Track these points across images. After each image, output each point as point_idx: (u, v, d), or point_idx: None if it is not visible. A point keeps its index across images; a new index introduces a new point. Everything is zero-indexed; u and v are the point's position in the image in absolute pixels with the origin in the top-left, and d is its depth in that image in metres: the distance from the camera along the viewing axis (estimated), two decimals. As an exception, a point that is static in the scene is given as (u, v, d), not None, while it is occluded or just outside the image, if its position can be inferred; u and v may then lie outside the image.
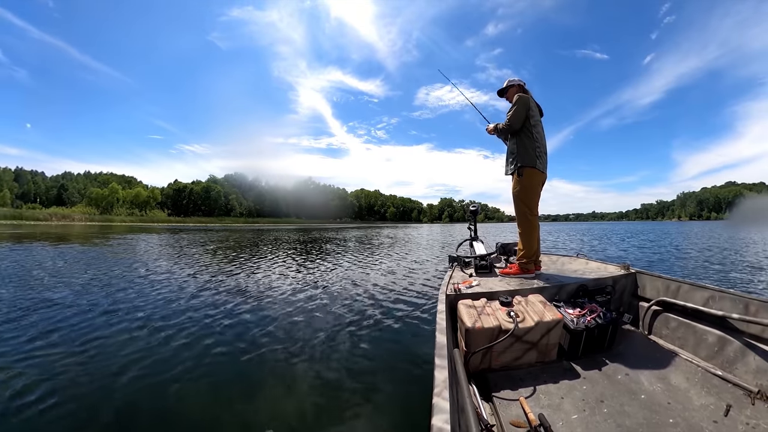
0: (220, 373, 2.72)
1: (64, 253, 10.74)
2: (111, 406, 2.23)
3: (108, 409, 2.20)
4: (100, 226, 49.45)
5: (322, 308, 4.51)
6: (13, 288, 5.44)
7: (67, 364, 2.77)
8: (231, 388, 2.52)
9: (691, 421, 1.55)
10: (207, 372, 2.71)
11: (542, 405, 1.71)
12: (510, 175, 2.97)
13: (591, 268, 3.05)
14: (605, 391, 1.80)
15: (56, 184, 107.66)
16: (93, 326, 3.65)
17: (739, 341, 1.86)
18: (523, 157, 2.83)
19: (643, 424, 1.55)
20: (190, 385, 2.53)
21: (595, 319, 2.13)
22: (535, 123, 2.90)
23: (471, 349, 1.91)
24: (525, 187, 2.87)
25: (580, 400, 1.73)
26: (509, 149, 2.99)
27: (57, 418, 2.10)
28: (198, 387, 2.51)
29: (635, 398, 1.73)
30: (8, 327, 3.59)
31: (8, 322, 3.72)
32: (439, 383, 1.14)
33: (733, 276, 6.99)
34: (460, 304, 2.14)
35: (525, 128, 2.86)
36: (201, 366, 2.80)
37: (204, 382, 2.58)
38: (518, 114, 2.83)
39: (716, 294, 2.06)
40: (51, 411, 2.16)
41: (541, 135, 2.93)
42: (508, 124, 2.87)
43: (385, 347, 3.19)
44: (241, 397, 2.38)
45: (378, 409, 2.23)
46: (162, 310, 4.29)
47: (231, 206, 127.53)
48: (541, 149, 2.89)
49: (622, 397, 1.74)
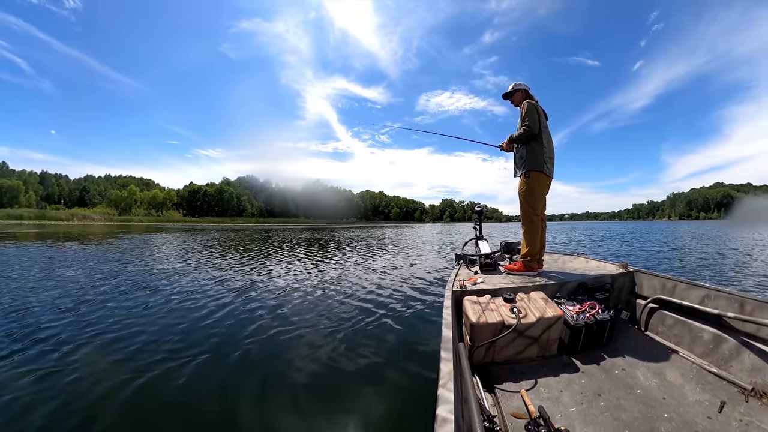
0: (227, 358, 2.77)
1: (101, 251, 10.86)
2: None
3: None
4: (118, 225, 49.85)
5: (332, 301, 4.52)
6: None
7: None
8: (240, 373, 2.55)
9: (685, 416, 1.54)
10: (214, 357, 2.74)
11: (542, 397, 1.71)
12: (518, 177, 3.00)
13: (591, 266, 3.03)
14: (603, 385, 1.79)
15: (79, 187, 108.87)
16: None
17: (734, 339, 1.83)
18: (532, 162, 2.86)
19: (639, 417, 1.54)
20: (201, 368, 2.58)
21: (594, 316, 2.12)
22: (544, 128, 2.91)
23: (475, 343, 1.91)
24: (531, 188, 2.89)
25: (578, 393, 1.73)
26: (519, 154, 3.00)
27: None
28: (205, 370, 2.54)
29: (631, 393, 1.72)
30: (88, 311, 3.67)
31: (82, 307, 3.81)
32: (444, 375, 1.15)
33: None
34: (466, 300, 2.14)
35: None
36: (208, 349, 2.84)
37: (209, 365, 2.62)
38: (534, 119, 2.83)
39: (712, 293, 2.03)
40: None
41: (549, 140, 2.95)
42: (528, 129, 2.83)
43: (392, 340, 3.19)
44: (250, 383, 2.40)
45: (385, 398, 2.23)
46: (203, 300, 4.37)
47: (243, 207, 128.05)
48: (549, 154, 2.91)
49: (619, 392, 1.73)
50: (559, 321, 1.99)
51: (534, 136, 2.86)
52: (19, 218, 58.96)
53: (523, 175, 2.91)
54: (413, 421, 2.00)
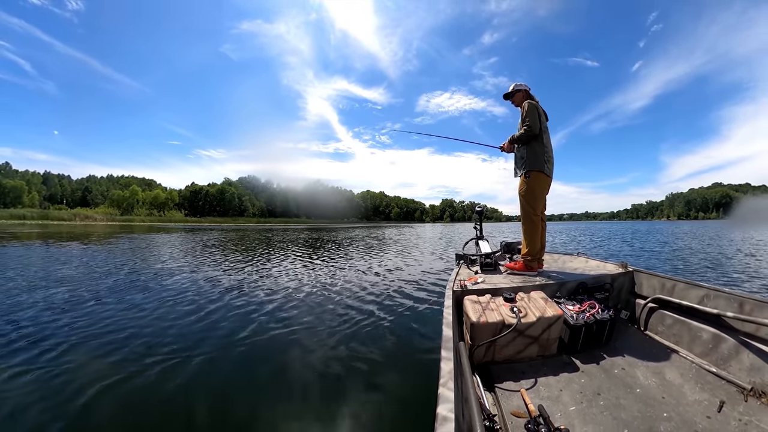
0: (225, 358, 2.77)
1: (107, 250, 10.85)
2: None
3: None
4: (120, 225, 49.84)
5: (333, 301, 4.52)
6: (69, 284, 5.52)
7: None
8: (240, 369, 2.55)
9: (684, 415, 1.53)
10: (219, 353, 2.74)
11: (542, 396, 1.70)
12: (518, 177, 2.99)
13: (591, 266, 3.03)
14: (602, 384, 1.79)
15: (81, 187, 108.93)
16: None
17: (733, 339, 1.82)
18: (533, 162, 2.85)
19: (638, 417, 1.53)
20: (198, 368, 2.57)
21: (593, 316, 2.11)
22: (544, 129, 2.91)
23: (476, 342, 1.90)
24: (531, 188, 2.89)
25: (578, 392, 1.72)
26: (519, 155, 3.00)
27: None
28: (201, 369, 2.53)
29: (631, 392, 1.71)
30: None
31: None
32: (445, 374, 1.14)
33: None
34: (466, 299, 2.13)
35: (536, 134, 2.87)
36: (206, 349, 2.82)
37: (209, 363, 2.60)
38: (535, 120, 2.83)
39: (711, 293, 2.03)
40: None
41: (548, 141, 2.95)
42: (529, 129, 2.82)
43: (393, 339, 3.18)
44: (250, 380, 2.39)
45: (386, 397, 2.22)
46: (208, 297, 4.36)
47: (244, 207, 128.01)
48: (549, 154, 2.91)
49: (618, 391, 1.72)
50: (559, 320, 1.98)
51: (535, 137, 2.86)
52: (21, 218, 59.00)
53: (523, 175, 2.91)
54: (414, 419, 2.00)
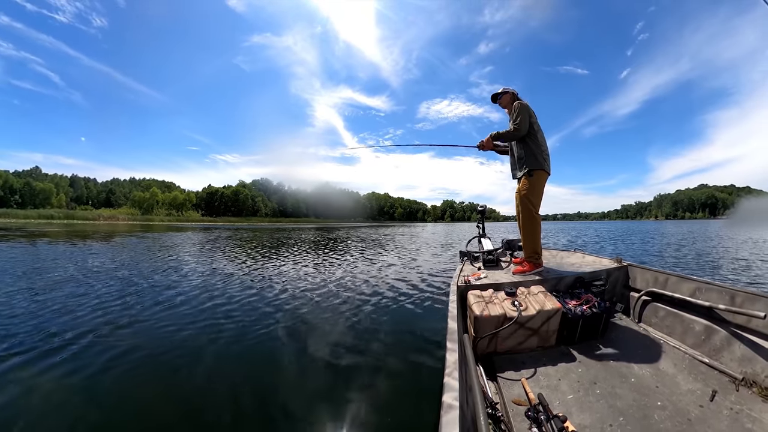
0: (234, 350, 2.79)
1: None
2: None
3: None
4: (141, 225, 50.30)
5: (342, 295, 4.53)
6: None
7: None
8: (253, 359, 2.59)
9: (678, 404, 1.52)
10: (233, 343, 2.77)
11: (542, 386, 1.70)
12: (518, 178, 2.85)
13: (587, 261, 3.01)
14: (598, 374, 1.78)
15: (105, 189, 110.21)
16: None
17: (725, 330, 1.81)
18: (532, 161, 2.74)
19: (633, 405, 1.52)
20: (223, 349, 2.64)
21: (590, 309, 2.10)
22: (538, 128, 2.80)
23: (479, 334, 1.91)
24: (534, 187, 2.77)
25: (575, 381, 1.72)
26: (517, 155, 2.86)
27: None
28: (224, 354, 2.57)
29: (625, 381, 1.70)
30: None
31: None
32: (450, 364, 1.15)
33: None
34: (470, 294, 2.14)
35: (530, 133, 2.76)
36: (226, 336, 2.86)
37: (227, 351, 2.64)
38: (524, 119, 2.72)
39: (703, 285, 2.01)
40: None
41: (543, 139, 2.84)
42: (517, 129, 2.71)
43: (401, 331, 3.20)
44: (262, 368, 2.43)
45: (393, 386, 2.24)
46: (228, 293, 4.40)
47: (257, 208, 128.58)
48: (546, 152, 2.80)
49: (614, 380, 1.72)
50: (558, 313, 1.98)
51: (522, 137, 2.75)
52: (49, 218, 60.24)
53: (525, 174, 2.78)
54: (420, 407, 2.01)
